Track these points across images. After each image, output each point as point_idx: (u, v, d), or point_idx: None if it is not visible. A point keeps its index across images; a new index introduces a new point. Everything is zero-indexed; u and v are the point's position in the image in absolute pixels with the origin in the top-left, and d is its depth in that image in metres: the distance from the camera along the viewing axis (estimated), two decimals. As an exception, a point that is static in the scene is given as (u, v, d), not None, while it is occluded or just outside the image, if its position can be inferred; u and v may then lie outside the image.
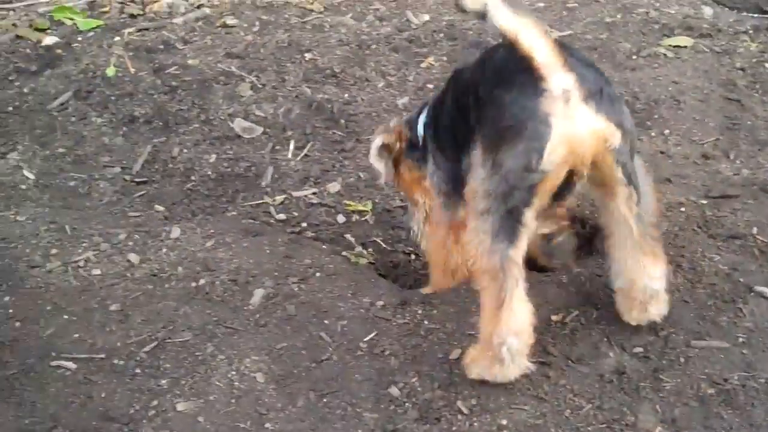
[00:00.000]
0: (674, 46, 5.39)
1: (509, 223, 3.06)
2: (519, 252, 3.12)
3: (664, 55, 5.32)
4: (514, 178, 2.99)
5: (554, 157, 2.94)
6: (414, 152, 3.92)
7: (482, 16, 2.99)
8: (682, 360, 3.43)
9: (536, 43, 2.90)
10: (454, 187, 3.57)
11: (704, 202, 4.18)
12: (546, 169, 2.97)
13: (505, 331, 3.18)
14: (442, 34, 5.55)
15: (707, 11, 5.74)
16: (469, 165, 3.21)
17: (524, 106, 2.94)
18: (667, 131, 4.65)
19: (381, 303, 3.77)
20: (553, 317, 3.62)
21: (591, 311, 3.65)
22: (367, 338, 3.60)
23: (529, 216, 3.07)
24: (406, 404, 3.33)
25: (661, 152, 4.52)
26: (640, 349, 3.49)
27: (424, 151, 3.85)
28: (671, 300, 3.58)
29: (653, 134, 4.64)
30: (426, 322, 3.66)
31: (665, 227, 4.00)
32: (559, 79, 2.90)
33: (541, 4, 5.78)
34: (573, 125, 2.92)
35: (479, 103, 3.17)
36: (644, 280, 3.39)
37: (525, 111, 2.94)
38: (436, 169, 3.76)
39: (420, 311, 3.72)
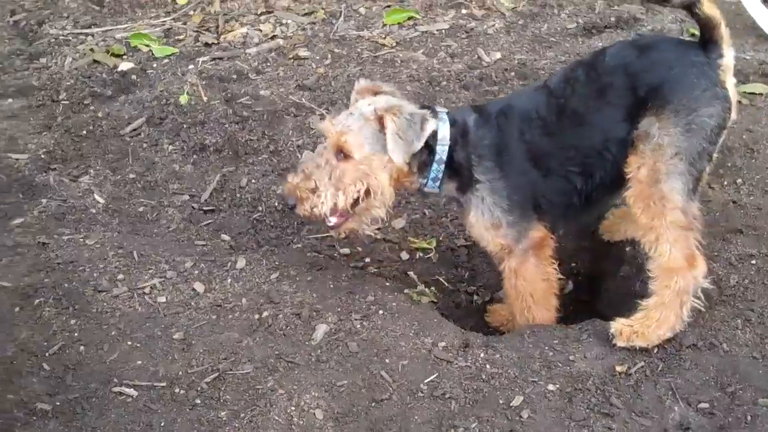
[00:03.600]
0: (749, 93, 5.30)
1: (695, 183, 3.61)
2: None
3: (739, 102, 5.21)
4: (711, 135, 3.57)
5: (733, 115, 3.65)
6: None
7: (688, 6, 3.55)
8: (749, 418, 3.36)
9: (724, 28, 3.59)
10: (520, 205, 3.85)
11: (776, 255, 4.10)
12: (727, 127, 3.64)
13: (701, 272, 3.64)
14: (513, 73, 5.52)
15: (784, 58, 5.64)
16: (640, 137, 3.61)
17: (711, 76, 3.56)
18: (739, 180, 4.57)
19: (443, 344, 3.75)
20: (618, 368, 3.58)
21: (657, 363, 3.60)
22: (428, 380, 3.59)
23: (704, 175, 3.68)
24: (465, 450, 3.30)
25: (733, 201, 4.45)
26: (706, 405, 3.43)
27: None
28: (739, 356, 3.52)
29: (725, 183, 4.57)
30: (488, 366, 3.63)
31: (735, 280, 3.94)
32: (731, 55, 3.61)
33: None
34: (734, 90, 3.67)
35: (644, 85, 3.61)
36: None
37: (712, 80, 3.56)
38: (497, 199, 3.85)
39: (482, 354, 3.69)
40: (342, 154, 3.77)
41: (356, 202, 3.81)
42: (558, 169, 3.79)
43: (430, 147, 3.81)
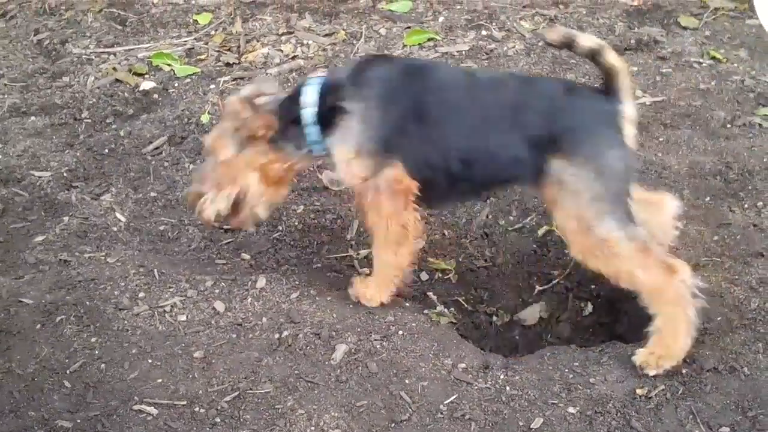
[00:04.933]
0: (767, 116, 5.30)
1: (626, 207, 3.61)
2: None
3: (759, 124, 5.21)
4: (622, 175, 3.63)
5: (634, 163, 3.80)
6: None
7: (592, 56, 3.57)
8: (770, 443, 3.34)
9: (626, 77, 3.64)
10: (385, 140, 3.77)
11: (798, 279, 4.08)
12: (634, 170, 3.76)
13: (685, 273, 3.62)
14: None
15: (805, 81, 5.63)
16: (552, 184, 3.62)
17: (613, 123, 3.63)
18: (760, 203, 4.55)
19: (463, 365, 3.75)
20: (638, 390, 3.56)
21: (677, 386, 3.58)
22: (448, 401, 3.58)
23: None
24: (485, 472, 3.29)
25: (754, 225, 4.43)
26: (727, 429, 3.41)
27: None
28: (760, 380, 3.50)
29: (746, 206, 4.55)
30: (508, 388, 3.62)
31: (755, 304, 3.92)
32: (630, 103, 3.64)
33: (635, 68, 5.73)
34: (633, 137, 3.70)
35: (557, 126, 3.62)
36: None
37: (613, 126, 3.63)
38: (365, 127, 3.78)
39: (502, 376, 3.68)
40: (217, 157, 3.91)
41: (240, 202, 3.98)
42: (438, 147, 3.75)
43: (296, 119, 3.87)
